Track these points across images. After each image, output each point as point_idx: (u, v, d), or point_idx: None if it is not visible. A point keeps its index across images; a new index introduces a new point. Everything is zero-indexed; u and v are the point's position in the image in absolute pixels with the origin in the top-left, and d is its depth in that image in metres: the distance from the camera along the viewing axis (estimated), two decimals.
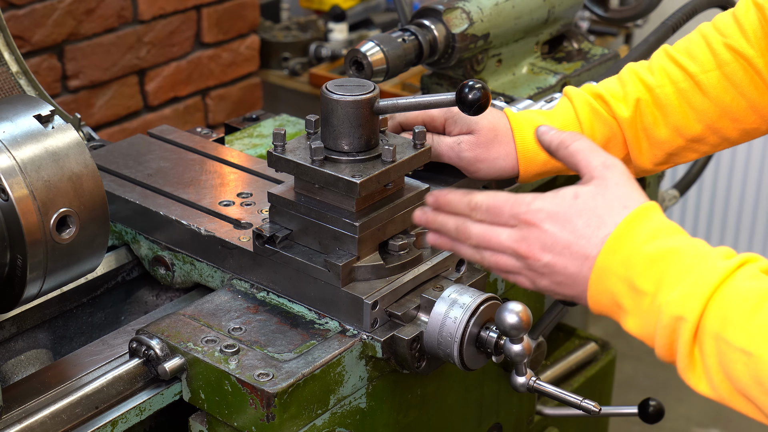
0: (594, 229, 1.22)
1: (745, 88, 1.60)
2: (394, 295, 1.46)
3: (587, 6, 2.27)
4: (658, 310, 1.17)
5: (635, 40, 4.24)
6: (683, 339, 1.15)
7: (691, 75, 1.62)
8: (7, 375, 1.56)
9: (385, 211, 1.48)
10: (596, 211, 1.22)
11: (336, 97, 1.44)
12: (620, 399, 2.70)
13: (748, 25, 1.60)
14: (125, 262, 1.70)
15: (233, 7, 3.51)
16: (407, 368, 1.47)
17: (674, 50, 1.66)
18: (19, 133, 1.33)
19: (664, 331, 1.17)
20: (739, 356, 1.12)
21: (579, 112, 1.61)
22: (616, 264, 1.20)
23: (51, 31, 3.04)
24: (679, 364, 1.17)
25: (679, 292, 1.16)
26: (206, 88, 3.54)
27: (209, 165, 1.78)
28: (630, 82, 1.64)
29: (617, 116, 1.62)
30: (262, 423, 1.36)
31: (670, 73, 1.63)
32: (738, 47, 1.60)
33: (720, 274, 1.15)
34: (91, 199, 1.36)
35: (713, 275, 1.15)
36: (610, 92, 1.63)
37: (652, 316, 1.18)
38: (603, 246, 1.20)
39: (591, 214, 1.22)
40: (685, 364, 1.16)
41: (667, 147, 1.64)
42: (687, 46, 1.66)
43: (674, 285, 1.16)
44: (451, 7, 1.91)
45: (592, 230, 1.22)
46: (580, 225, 1.22)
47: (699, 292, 1.15)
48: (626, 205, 1.22)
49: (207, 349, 1.41)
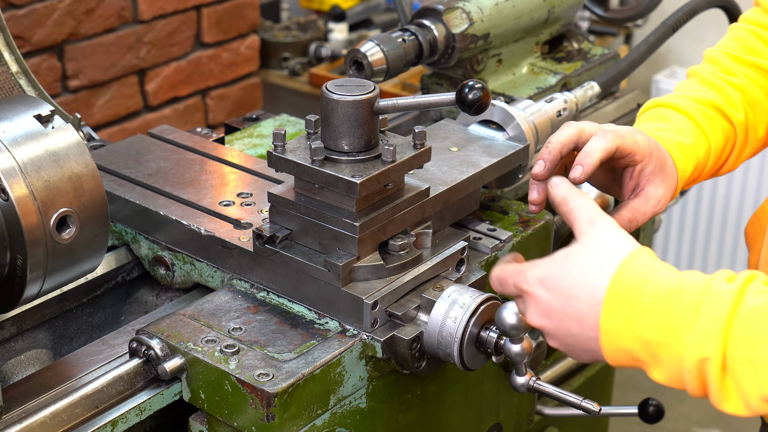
0: (580, 287, 1.20)
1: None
2: (394, 295, 1.46)
3: (587, 6, 2.27)
4: (678, 357, 1.15)
5: (635, 40, 4.24)
6: (713, 377, 1.13)
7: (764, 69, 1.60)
8: (7, 375, 1.56)
9: (385, 211, 1.48)
10: (581, 268, 1.21)
11: (336, 97, 1.44)
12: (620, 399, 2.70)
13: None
14: (125, 262, 1.70)
15: (233, 7, 3.51)
16: (407, 368, 1.47)
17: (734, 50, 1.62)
18: (19, 133, 1.33)
19: (691, 375, 1.15)
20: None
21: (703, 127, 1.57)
22: (620, 323, 1.18)
23: (51, 31, 3.04)
24: (713, 398, 1.15)
25: (696, 333, 1.13)
26: (206, 88, 3.54)
27: (209, 165, 1.78)
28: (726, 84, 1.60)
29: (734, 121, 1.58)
30: (262, 423, 1.36)
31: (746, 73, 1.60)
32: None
33: (730, 300, 1.13)
34: (91, 199, 1.36)
35: (723, 304, 1.13)
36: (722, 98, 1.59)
37: (674, 363, 1.16)
38: (602, 307, 1.18)
39: (576, 271, 1.21)
40: (719, 397, 1.14)
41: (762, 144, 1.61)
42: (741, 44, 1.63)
43: (687, 327, 1.14)
44: (451, 7, 1.91)
45: (579, 288, 1.20)
46: (567, 285, 1.21)
47: (715, 327, 1.12)
48: (609, 255, 1.20)
49: (207, 349, 1.41)
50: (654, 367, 1.18)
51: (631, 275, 1.18)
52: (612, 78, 1.98)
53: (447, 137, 1.74)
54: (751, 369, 1.11)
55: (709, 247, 4.22)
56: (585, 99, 1.89)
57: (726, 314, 1.12)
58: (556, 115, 1.80)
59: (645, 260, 1.19)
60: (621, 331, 1.18)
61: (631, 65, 2.02)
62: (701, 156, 1.54)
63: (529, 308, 1.26)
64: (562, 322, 1.22)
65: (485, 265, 1.63)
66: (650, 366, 1.18)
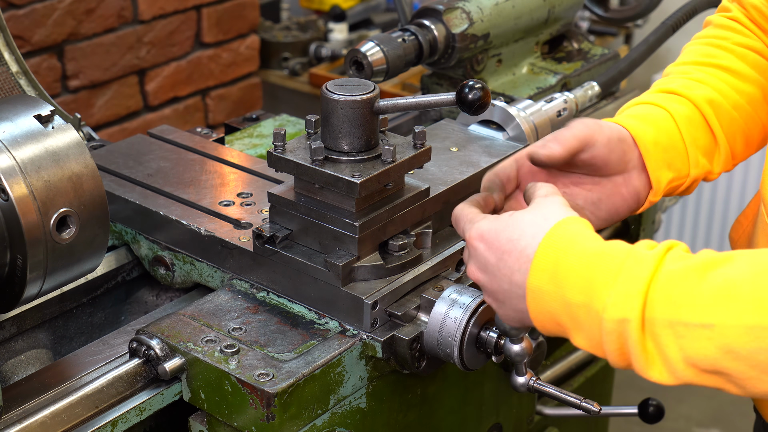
0: (515, 242, 1.21)
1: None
2: (394, 295, 1.46)
3: (587, 6, 2.27)
4: (597, 318, 1.15)
5: (635, 40, 4.24)
6: (632, 339, 1.13)
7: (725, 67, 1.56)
8: (7, 375, 1.56)
9: (385, 211, 1.48)
10: (520, 226, 1.22)
11: (336, 97, 1.44)
12: (620, 399, 2.70)
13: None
14: (125, 262, 1.70)
15: (233, 7, 3.51)
16: (407, 368, 1.47)
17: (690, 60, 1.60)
18: (19, 133, 1.33)
19: (610, 337, 1.15)
20: (701, 332, 1.10)
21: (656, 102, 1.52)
22: (545, 283, 1.19)
23: (51, 31, 3.04)
24: (636, 365, 1.15)
25: (615, 294, 1.14)
26: (206, 88, 3.54)
27: (209, 165, 1.78)
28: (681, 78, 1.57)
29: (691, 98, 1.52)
30: (262, 423, 1.36)
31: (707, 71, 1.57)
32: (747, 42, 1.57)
33: (650, 264, 1.14)
34: (91, 199, 1.36)
35: (644, 267, 1.14)
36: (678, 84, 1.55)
37: (594, 326, 1.16)
38: (530, 266, 1.20)
39: (514, 228, 1.22)
40: (642, 363, 1.14)
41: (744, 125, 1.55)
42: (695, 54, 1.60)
43: (607, 288, 1.14)
44: (451, 7, 1.91)
45: (513, 244, 1.22)
46: (504, 240, 1.22)
47: (635, 289, 1.13)
48: (547, 217, 1.22)
49: (207, 349, 1.41)
50: (575, 332, 1.18)
51: (561, 237, 1.19)
52: (612, 78, 1.98)
53: (447, 137, 1.74)
54: (671, 331, 1.11)
55: (709, 246, 4.22)
56: (585, 99, 1.89)
57: (646, 276, 1.13)
58: (556, 115, 1.80)
59: (578, 226, 1.21)
60: (546, 291, 1.19)
61: (631, 65, 2.02)
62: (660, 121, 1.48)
63: (470, 259, 1.27)
64: (495, 276, 1.23)
65: None
66: (572, 331, 1.19)
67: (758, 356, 1.08)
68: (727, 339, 1.09)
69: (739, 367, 1.09)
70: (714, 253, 1.14)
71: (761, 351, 1.07)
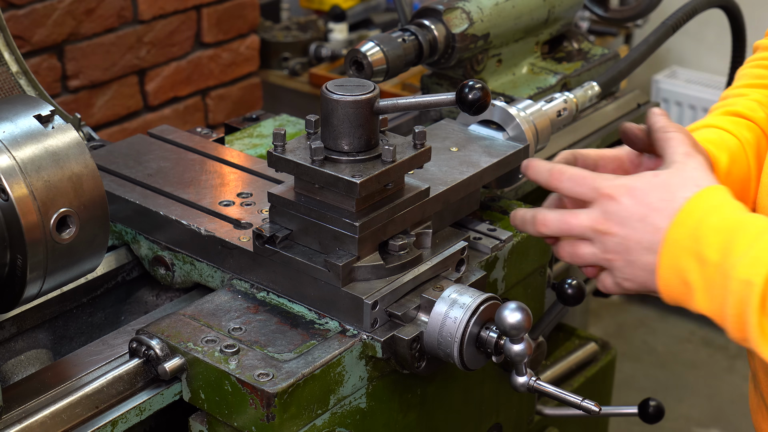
0: (667, 203, 1.25)
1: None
2: (394, 295, 1.46)
3: (587, 6, 2.27)
4: (725, 276, 1.18)
5: (635, 40, 4.24)
6: (752, 305, 1.16)
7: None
8: (7, 375, 1.56)
9: (385, 211, 1.48)
10: (671, 187, 1.26)
11: (336, 97, 1.44)
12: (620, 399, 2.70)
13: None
14: (125, 262, 1.70)
15: (233, 7, 3.51)
16: (407, 368, 1.47)
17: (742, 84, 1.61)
18: (19, 133, 1.33)
19: (733, 298, 1.17)
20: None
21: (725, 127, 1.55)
22: (684, 237, 1.22)
23: (51, 31, 3.04)
24: (750, 335, 1.17)
25: (748, 257, 1.17)
26: (206, 88, 3.54)
27: (209, 165, 1.78)
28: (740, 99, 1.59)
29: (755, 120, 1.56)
30: (262, 423, 1.36)
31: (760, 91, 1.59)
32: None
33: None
34: (91, 199, 1.36)
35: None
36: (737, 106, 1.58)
37: (720, 284, 1.19)
38: (672, 220, 1.23)
39: (666, 188, 1.26)
40: (757, 334, 1.16)
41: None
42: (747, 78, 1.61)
43: (742, 251, 1.18)
44: (451, 7, 1.91)
45: (665, 203, 1.25)
46: (654, 198, 1.26)
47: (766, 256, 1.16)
48: (699, 184, 1.25)
49: (207, 349, 1.41)
50: (701, 292, 1.21)
51: (708, 200, 1.23)
52: (612, 78, 1.98)
53: (447, 137, 1.74)
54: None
55: None
56: (585, 99, 1.89)
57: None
58: (556, 115, 1.80)
59: (724, 193, 1.25)
60: (683, 246, 1.22)
61: (631, 65, 2.02)
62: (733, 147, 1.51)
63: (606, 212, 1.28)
64: (636, 231, 1.26)
65: (485, 265, 1.63)
66: (697, 291, 1.21)
67: None
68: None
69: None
70: None
71: None
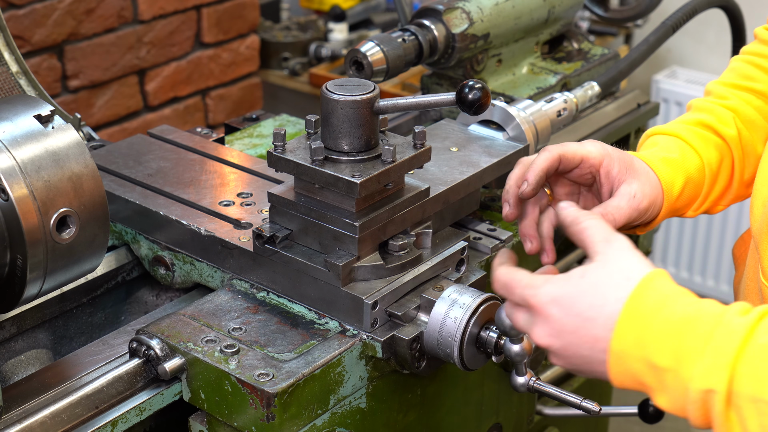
0: (599, 309, 1.17)
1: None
2: (394, 295, 1.46)
3: (587, 6, 2.26)
4: (684, 386, 1.13)
5: (635, 40, 4.24)
6: (717, 410, 1.11)
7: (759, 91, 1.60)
8: (7, 375, 1.56)
9: (385, 211, 1.48)
10: (599, 288, 1.18)
11: (336, 97, 1.44)
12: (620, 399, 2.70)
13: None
14: (125, 262, 1.70)
15: (233, 7, 3.51)
16: (407, 368, 1.47)
17: (728, 79, 1.64)
18: (19, 133, 1.33)
19: (695, 405, 1.13)
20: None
21: (692, 143, 1.57)
22: (630, 346, 1.16)
23: (51, 31, 3.04)
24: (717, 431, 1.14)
25: (703, 364, 1.12)
26: (206, 88, 3.54)
27: (209, 165, 1.78)
28: (717, 105, 1.60)
29: (725, 136, 1.57)
30: (262, 423, 1.36)
31: (740, 96, 1.61)
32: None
33: (740, 335, 1.11)
34: (91, 199, 1.36)
35: (734, 338, 1.11)
36: (712, 116, 1.59)
37: (680, 392, 1.14)
38: (614, 330, 1.16)
39: (594, 292, 1.18)
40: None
41: None
42: (736, 73, 1.63)
43: (695, 357, 1.12)
44: (451, 7, 1.91)
45: (596, 310, 1.17)
46: (584, 307, 1.18)
47: (723, 361, 1.11)
48: (629, 276, 1.18)
49: (207, 349, 1.41)
50: (659, 393, 1.16)
51: (647, 300, 1.16)
52: (612, 78, 1.98)
53: (447, 137, 1.74)
54: (755, 407, 1.09)
55: (709, 247, 4.22)
56: (585, 99, 1.89)
57: (735, 348, 1.11)
58: (556, 115, 1.80)
59: (662, 284, 1.18)
60: (630, 354, 1.16)
61: (631, 65, 2.02)
62: (692, 170, 1.53)
63: (536, 326, 1.22)
64: (572, 343, 1.19)
65: (485, 265, 1.63)
66: (655, 392, 1.17)
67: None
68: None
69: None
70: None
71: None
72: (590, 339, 1.18)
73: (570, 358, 1.21)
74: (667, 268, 4.31)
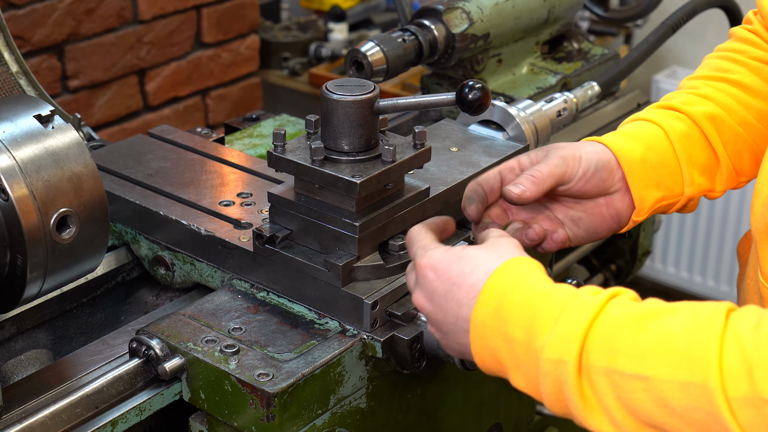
0: (466, 276, 1.20)
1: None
2: (394, 295, 1.46)
3: (587, 6, 2.27)
4: (535, 357, 1.13)
5: (635, 40, 4.24)
6: (569, 383, 1.11)
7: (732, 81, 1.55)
8: (7, 375, 1.56)
9: (385, 211, 1.48)
10: (473, 260, 1.21)
11: (336, 97, 1.44)
12: None
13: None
14: (125, 262, 1.70)
15: (233, 7, 3.51)
16: (407, 368, 1.47)
17: (700, 74, 1.59)
18: (19, 133, 1.33)
19: (546, 378, 1.13)
20: (637, 384, 1.07)
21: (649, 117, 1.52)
22: (489, 317, 1.17)
23: (51, 31, 3.04)
24: (574, 410, 1.12)
25: (554, 334, 1.12)
26: (206, 88, 3.54)
27: (209, 165, 1.78)
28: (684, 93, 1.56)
29: (688, 113, 1.51)
30: (262, 423, 1.36)
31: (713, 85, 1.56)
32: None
33: (592, 308, 1.12)
34: (91, 199, 1.36)
35: (585, 311, 1.12)
36: (674, 100, 1.54)
37: (531, 365, 1.14)
38: (476, 300, 1.18)
39: (467, 262, 1.21)
40: (580, 409, 1.11)
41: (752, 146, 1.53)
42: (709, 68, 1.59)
43: (546, 328, 1.13)
44: (451, 7, 1.91)
45: (464, 277, 1.20)
46: (455, 273, 1.21)
47: (574, 331, 1.11)
48: (502, 256, 1.21)
49: (207, 349, 1.41)
50: (514, 371, 1.17)
51: (509, 274, 1.19)
52: (612, 78, 1.98)
53: (447, 137, 1.74)
54: (608, 379, 1.09)
55: (709, 247, 4.22)
56: (585, 99, 1.89)
57: (586, 320, 1.11)
58: (556, 115, 1.80)
59: (529, 267, 1.20)
60: (489, 326, 1.17)
61: (631, 65, 2.02)
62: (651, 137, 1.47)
63: (416, 287, 1.27)
64: (441, 307, 1.22)
65: None
66: (511, 370, 1.17)
67: (693, 414, 1.05)
68: (661, 393, 1.06)
69: (676, 424, 1.07)
70: (659, 303, 1.12)
71: (695, 409, 1.05)
72: (455, 304, 1.21)
73: (440, 324, 1.24)
74: (667, 268, 4.31)
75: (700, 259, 4.26)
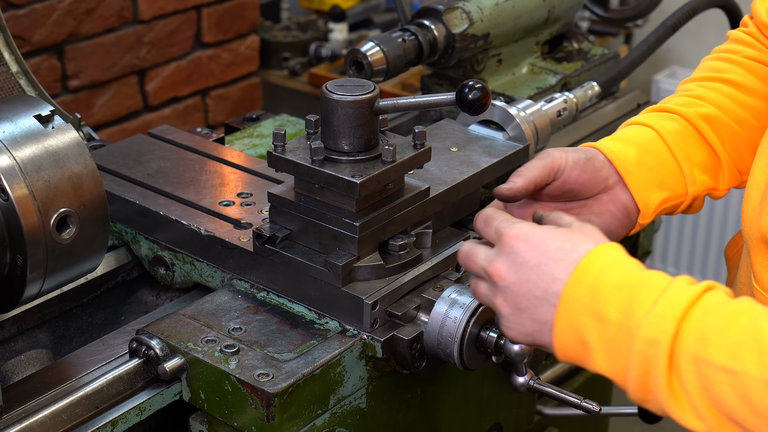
0: (566, 252, 1.19)
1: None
2: (394, 295, 1.46)
3: (587, 6, 2.27)
4: (629, 335, 1.13)
5: (635, 40, 4.24)
6: (658, 366, 1.10)
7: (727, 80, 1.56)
8: (7, 375, 1.56)
9: (385, 211, 1.48)
10: (572, 237, 1.21)
11: (336, 97, 1.44)
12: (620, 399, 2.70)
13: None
14: (125, 262, 1.70)
15: (233, 7, 3.51)
16: (407, 368, 1.47)
17: (696, 75, 1.60)
18: (19, 133, 1.33)
19: (638, 358, 1.12)
20: (723, 376, 1.07)
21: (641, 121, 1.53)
22: (582, 294, 1.16)
23: (51, 31, 3.04)
24: (659, 395, 1.12)
25: (652, 314, 1.12)
26: (206, 88, 3.54)
27: (209, 165, 1.78)
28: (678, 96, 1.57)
29: (680, 113, 1.53)
30: (262, 423, 1.36)
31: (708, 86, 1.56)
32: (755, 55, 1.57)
33: (690, 296, 1.12)
34: (91, 199, 1.36)
35: (683, 297, 1.12)
36: (667, 103, 1.55)
37: (623, 343, 1.14)
38: (569, 277, 1.17)
39: (566, 239, 1.21)
40: (665, 394, 1.11)
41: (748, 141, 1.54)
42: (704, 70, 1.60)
43: (644, 308, 1.13)
44: (451, 7, 1.91)
45: (564, 253, 1.19)
46: (553, 248, 1.20)
47: (672, 313, 1.11)
48: (599, 240, 1.20)
49: (207, 349, 1.41)
50: (600, 353, 1.16)
51: (606, 256, 1.18)
52: (612, 78, 1.98)
53: (447, 137, 1.74)
54: (695, 368, 1.09)
55: (709, 248, 4.22)
56: (585, 99, 1.89)
57: (685, 304, 1.12)
58: (556, 115, 1.80)
59: (622, 251, 1.20)
60: (581, 303, 1.16)
61: (631, 65, 2.02)
62: (643, 139, 1.48)
63: (498, 258, 1.23)
64: (530, 279, 1.20)
65: None
66: (596, 351, 1.16)
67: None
68: (747, 389, 1.06)
69: (756, 423, 1.06)
70: (753, 302, 1.13)
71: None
72: (548, 278, 1.19)
73: (519, 298, 1.21)
74: (667, 268, 4.31)
75: (700, 259, 4.26)
